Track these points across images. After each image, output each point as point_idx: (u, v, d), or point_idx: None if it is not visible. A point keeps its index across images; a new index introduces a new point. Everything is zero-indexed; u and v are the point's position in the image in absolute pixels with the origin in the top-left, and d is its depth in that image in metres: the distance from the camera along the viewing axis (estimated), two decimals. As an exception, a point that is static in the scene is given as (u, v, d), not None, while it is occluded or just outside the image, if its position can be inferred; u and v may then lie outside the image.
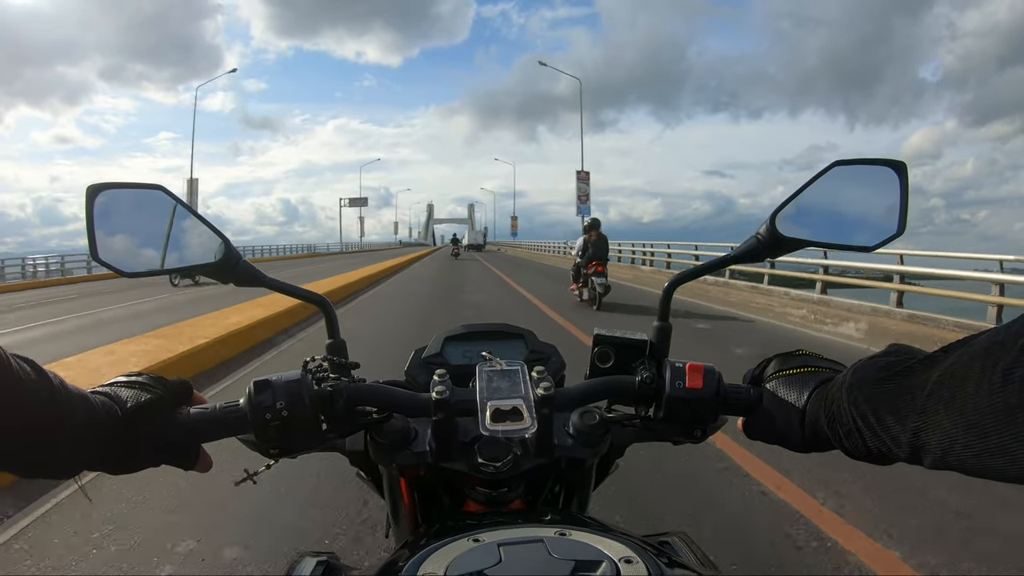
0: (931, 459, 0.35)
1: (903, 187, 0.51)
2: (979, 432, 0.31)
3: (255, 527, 1.95)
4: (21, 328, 7.48)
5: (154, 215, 0.52)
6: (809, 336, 6.33)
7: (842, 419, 0.41)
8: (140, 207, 0.52)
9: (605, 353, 0.55)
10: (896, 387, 0.38)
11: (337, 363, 0.52)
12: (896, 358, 0.39)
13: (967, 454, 0.32)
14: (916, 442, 0.35)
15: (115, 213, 0.51)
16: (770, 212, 0.53)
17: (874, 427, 0.39)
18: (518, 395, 0.47)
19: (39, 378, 0.39)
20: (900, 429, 0.37)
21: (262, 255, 34.43)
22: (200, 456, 0.50)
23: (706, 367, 0.51)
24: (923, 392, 0.35)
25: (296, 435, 0.48)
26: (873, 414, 0.39)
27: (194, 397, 0.51)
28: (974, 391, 0.32)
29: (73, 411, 0.41)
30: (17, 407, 0.37)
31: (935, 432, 0.34)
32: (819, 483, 2.24)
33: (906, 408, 0.36)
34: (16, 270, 18.31)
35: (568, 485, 0.57)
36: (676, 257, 13.58)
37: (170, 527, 1.96)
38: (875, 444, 0.39)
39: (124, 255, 0.51)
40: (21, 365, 0.38)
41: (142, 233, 0.52)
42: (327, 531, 1.91)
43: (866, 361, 0.41)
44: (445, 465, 0.51)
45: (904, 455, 0.37)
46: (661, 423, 0.52)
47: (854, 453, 0.42)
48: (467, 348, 0.61)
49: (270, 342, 5.55)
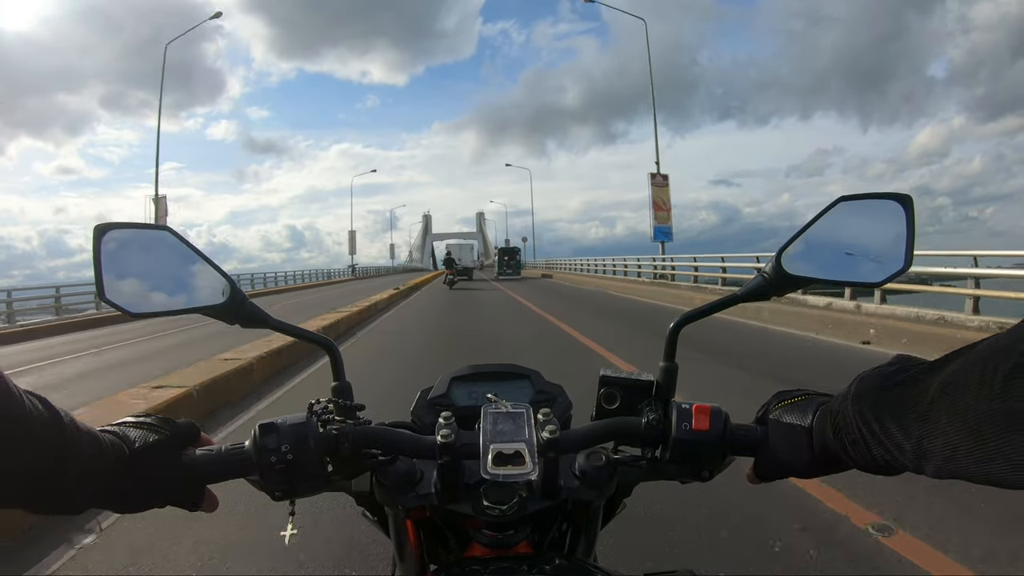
0: (934, 467, 0.35)
1: (909, 221, 0.51)
2: (980, 438, 0.32)
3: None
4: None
5: (161, 256, 0.53)
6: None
7: (848, 429, 0.42)
8: (147, 248, 0.53)
9: (611, 394, 0.54)
10: (900, 395, 0.38)
11: (343, 405, 0.52)
12: (900, 367, 0.40)
13: (968, 461, 0.32)
14: (920, 450, 0.36)
15: (122, 253, 0.52)
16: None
17: (879, 436, 0.39)
18: (521, 439, 0.47)
19: (50, 415, 0.39)
20: (904, 437, 0.37)
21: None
22: (206, 497, 0.50)
23: (713, 408, 0.50)
24: (926, 399, 0.35)
25: (302, 477, 0.48)
26: (877, 422, 0.39)
27: (201, 439, 0.51)
28: (975, 397, 0.32)
29: (82, 449, 0.41)
30: (28, 443, 0.38)
31: (938, 439, 0.34)
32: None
33: (910, 416, 0.36)
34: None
35: (575, 526, 0.56)
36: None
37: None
38: (880, 452, 0.39)
39: (131, 295, 0.52)
40: (33, 402, 0.39)
41: (149, 274, 0.53)
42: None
43: (871, 371, 0.42)
44: (451, 508, 0.50)
45: (909, 463, 0.37)
46: (668, 464, 0.51)
47: (861, 464, 0.42)
48: (473, 389, 0.61)
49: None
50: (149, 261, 0.53)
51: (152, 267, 0.53)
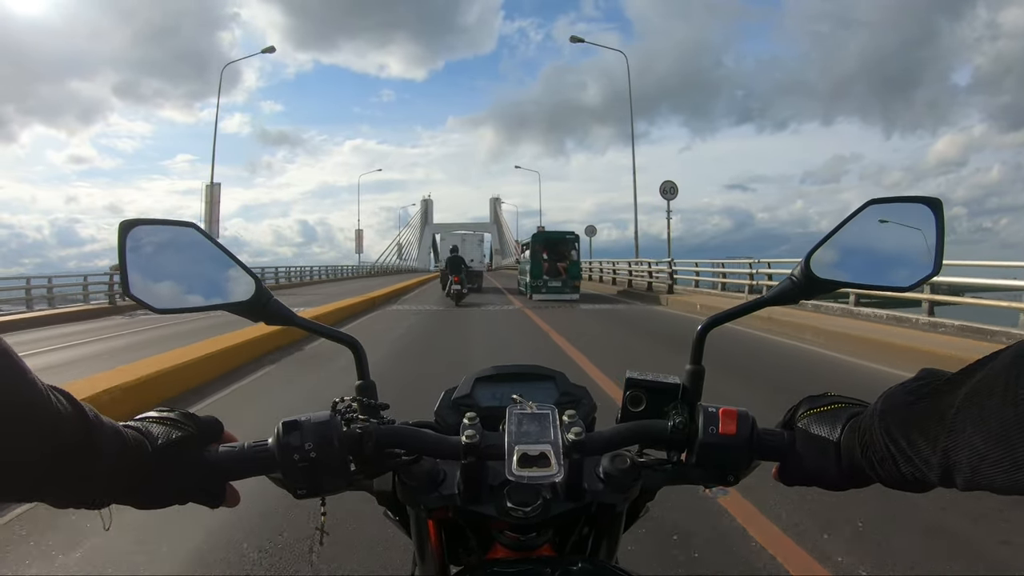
0: (962, 479, 0.34)
1: (939, 225, 0.51)
2: (1007, 446, 0.31)
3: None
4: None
5: (185, 253, 0.53)
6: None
7: (875, 447, 0.41)
8: (172, 244, 0.53)
9: (637, 397, 0.54)
10: (925, 409, 0.37)
11: (367, 404, 0.52)
12: (925, 380, 0.39)
13: (996, 471, 0.32)
14: (947, 463, 0.35)
15: (147, 249, 0.52)
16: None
17: (906, 451, 0.38)
18: (547, 440, 0.47)
19: (75, 411, 0.39)
20: (931, 451, 0.36)
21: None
22: (228, 493, 0.50)
23: (739, 412, 0.50)
24: (951, 411, 0.35)
25: (324, 476, 0.48)
26: (904, 438, 0.38)
27: (224, 435, 0.51)
28: (999, 405, 0.31)
29: (105, 445, 0.41)
30: (53, 439, 0.38)
31: (964, 450, 0.33)
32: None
33: (935, 429, 0.36)
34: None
35: (598, 528, 0.56)
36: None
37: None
38: (908, 469, 0.38)
39: (156, 292, 0.51)
40: (58, 398, 0.39)
41: (173, 270, 0.53)
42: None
43: (896, 387, 0.41)
44: (473, 508, 0.50)
45: (936, 478, 0.37)
46: (693, 468, 0.51)
47: (889, 481, 0.41)
48: (497, 390, 0.61)
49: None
50: (174, 258, 0.53)
51: (177, 264, 0.53)
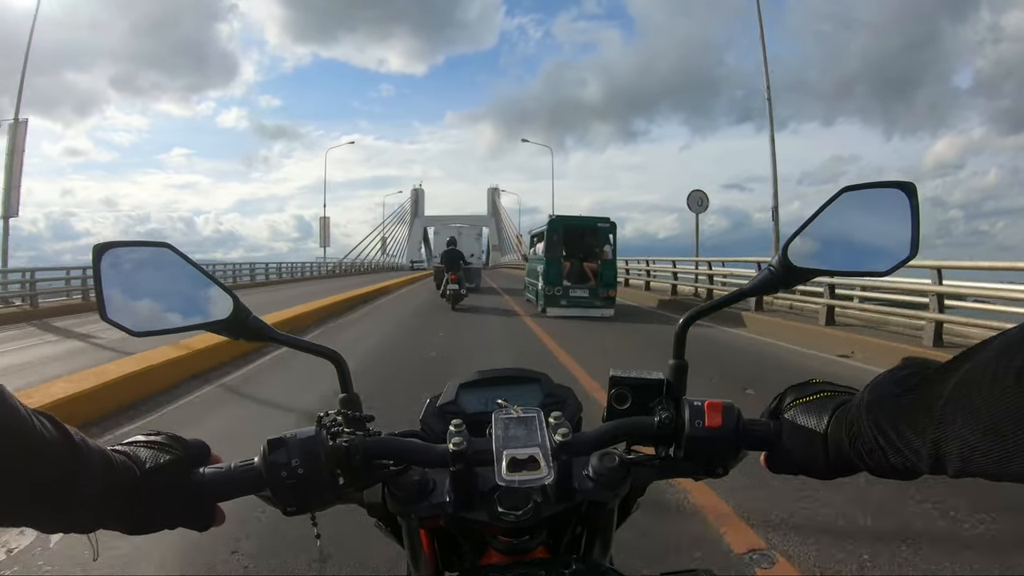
0: (953, 469, 0.34)
1: (913, 208, 0.51)
2: (997, 436, 0.31)
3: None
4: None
5: (162, 273, 0.52)
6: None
7: (863, 438, 0.41)
8: (148, 265, 0.52)
9: (622, 395, 0.54)
10: (913, 400, 0.37)
11: (352, 417, 0.52)
12: (912, 371, 0.39)
13: (988, 460, 0.32)
14: (937, 453, 0.35)
15: (123, 271, 0.51)
16: (783, 228, 0.52)
17: (895, 443, 0.38)
18: (535, 443, 0.47)
19: (60, 436, 0.39)
20: (920, 442, 0.36)
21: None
22: (216, 514, 0.50)
23: (724, 404, 0.50)
24: (940, 402, 0.35)
25: (313, 491, 0.48)
26: (893, 430, 0.38)
27: (211, 456, 0.51)
28: (988, 394, 0.31)
29: (92, 470, 0.41)
30: (38, 465, 0.37)
31: (954, 441, 0.33)
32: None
33: (924, 420, 0.36)
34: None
35: (590, 527, 0.56)
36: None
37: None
38: (898, 460, 0.38)
39: (133, 314, 0.51)
40: (43, 423, 0.38)
41: (150, 292, 0.52)
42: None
43: (883, 377, 0.41)
44: (465, 515, 0.50)
45: (926, 468, 0.37)
46: (682, 462, 0.51)
47: (878, 471, 0.42)
48: (482, 395, 0.61)
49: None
50: (150, 279, 0.52)
51: (153, 285, 0.52)
